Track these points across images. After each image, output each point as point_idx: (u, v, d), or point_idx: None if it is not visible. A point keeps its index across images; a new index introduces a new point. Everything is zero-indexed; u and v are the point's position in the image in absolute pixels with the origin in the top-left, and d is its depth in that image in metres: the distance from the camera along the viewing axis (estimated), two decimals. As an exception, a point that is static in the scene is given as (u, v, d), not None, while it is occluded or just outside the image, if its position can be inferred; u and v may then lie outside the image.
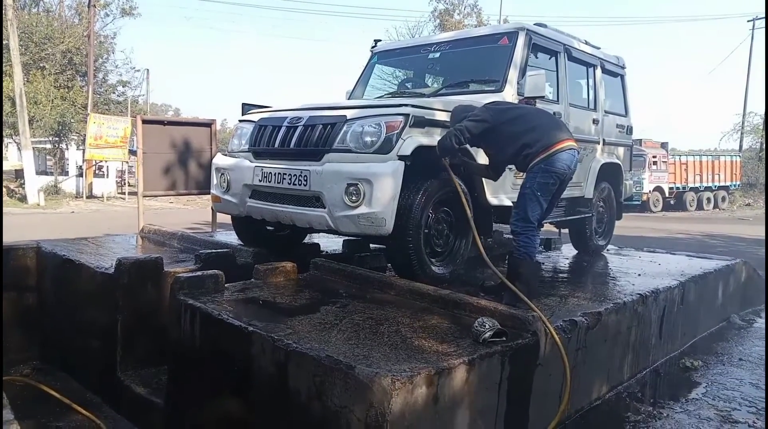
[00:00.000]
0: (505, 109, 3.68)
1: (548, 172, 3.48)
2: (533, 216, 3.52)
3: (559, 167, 3.48)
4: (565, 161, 3.49)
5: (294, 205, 3.81)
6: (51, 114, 21.22)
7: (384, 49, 5.76)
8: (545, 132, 3.52)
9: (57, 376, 4.03)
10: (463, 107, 3.76)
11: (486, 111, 3.60)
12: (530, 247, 3.53)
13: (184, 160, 6.34)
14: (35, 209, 17.45)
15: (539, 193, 3.50)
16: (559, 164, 3.48)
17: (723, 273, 5.68)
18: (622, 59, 6.29)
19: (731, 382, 4.20)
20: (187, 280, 3.19)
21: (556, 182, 3.53)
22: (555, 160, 3.47)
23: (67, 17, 26.81)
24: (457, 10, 30.41)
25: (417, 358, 2.35)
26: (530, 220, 3.53)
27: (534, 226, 3.54)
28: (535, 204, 3.51)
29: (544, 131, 3.53)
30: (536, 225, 3.56)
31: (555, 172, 3.48)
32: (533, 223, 3.54)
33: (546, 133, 3.52)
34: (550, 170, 3.48)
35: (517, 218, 3.58)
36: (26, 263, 4.37)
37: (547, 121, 3.66)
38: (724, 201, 25.88)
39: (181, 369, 3.13)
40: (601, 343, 3.55)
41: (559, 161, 3.48)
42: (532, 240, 3.54)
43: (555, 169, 3.48)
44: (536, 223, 3.55)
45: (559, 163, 3.48)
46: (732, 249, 10.48)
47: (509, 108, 3.75)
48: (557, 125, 3.70)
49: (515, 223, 3.58)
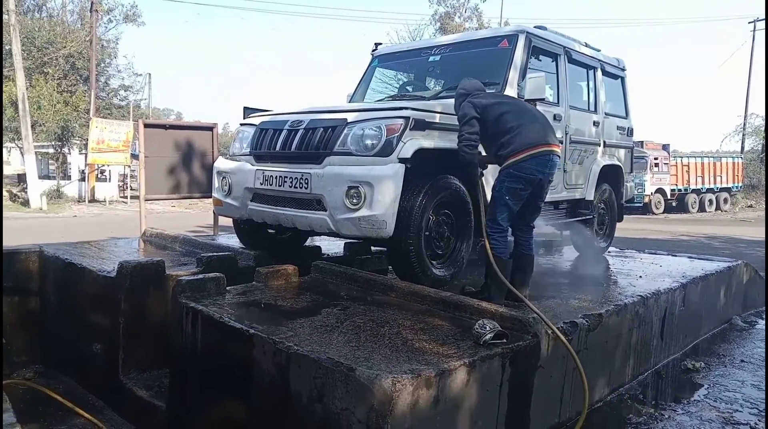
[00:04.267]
0: (490, 105, 3.59)
1: (516, 177, 3.49)
2: (501, 218, 3.56)
3: (527, 173, 3.48)
4: (534, 167, 3.48)
5: (295, 208, 3.83)
6: (53, 118, 21.28)
7: (385, 52, 5.77)
8: (521, 134, 3.49)
9: (59, 379, 4.04)
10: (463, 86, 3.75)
11: (471, 108, 3.56)
12: (499, 248, 3.57)
13: (186, 164, 6.37)
14: (38, 213, 17.50)
15: (507, 196, 3.52)
16: (528, 170, 3.48)
17: (724, 275, 5.67)
18: (622, 61, 6.30)
19: (733, 384, 4.19)
20: (189, 283, 3.20)
21: (526, 187, 3.53)
22: (523, 166, 3.47)
23: (69, 22, 26.95)
24: (457, 13, 30.50)
25: (418, 360, 2.36)
26: (498, 222, 3.57)
27: (502, 227, 3.59)
28: (503, 207, 3.55)
29: (519, 133, 3.49)
30: (504, 227, 3.60)
31: (523, 177, 3.49)
32: (501, 226, 3.58)
33: (520, 135, 3.49)
34: (518, 175, 3.49)
35: (488, 219, 3.63)
36: (29, 267, 4.39)
37: (526, 122, 3.55)
38: (726, 203, 25.82)
39: (183, 372, 3.13)
40: (602, 344, 3.55)
41: (528, 168, 3.47)
42: (499, 241, 3.58)
43: (523, 175, 3.49)
44: (505, 226, 3.60)
45: (527, 169, 3.48)
46: (734, 251, 10.47)
47: (494, 104, 3.62)
48: (536, 128, 3.58)
49: (487, 223, 3.63)
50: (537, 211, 3.77)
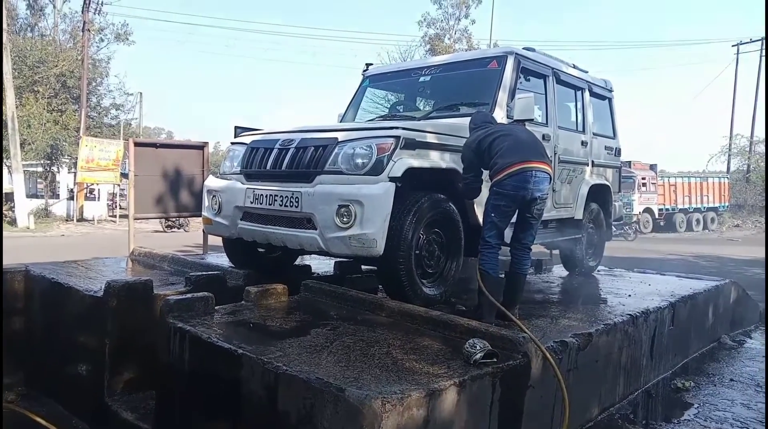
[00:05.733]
0: (484, 137, 3.71)
1: (499, 194, 3.60)
2: (489, 235, 3.65)
3: (508, 190, 3.57)
4: (515, 183, 3.55)
5: (285, 227, 3.82)
6: (43, 137, 21.20)
7: (375, 72, 5.83)
8: (503, 155, 3.60)
9: (43, 401, 3.96)
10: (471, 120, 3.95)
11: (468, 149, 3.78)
12: (487, 264, 3.63)
13: (176, 183, 6.35)
14: (25, 232, 17.32)
15: (493, 214, 3.63)
16: (509, 187, 3.56)
17: (713, 294, 5.71)
18: (609, 83, 6.40)
19: (723, 403, 4.19)
20: (177, 303, 3.16)
21: (509, 205, 3.61)
22: (504, 184, 3.57)
23: (61, 41, 26.98)
24: (447, 35, 30.89)
25: (408, 380, 2.34)
26: (486, 239, 3.66)
27: (490, 244, 3.65)
28: (490, 224, 3.65)
29: (502, 155, 3.60)
30: (492, 244, 3.66)
31: (504, 193, 3.58)
32: (489, 242, 3.65)
33: (502, 156, 3.59)
34: (500, 193, 3.59)
35: (480, 236, 3.73)
36: (14, 287, 4.32)
37: (510, 144, 3.65)
38: (713, 222, 26.10)
39: (170, 393, 3.09)
40: (592, 364, 3.55)
41: (509, 184, 3.56)
42: (488, 257, 3.64)
43: (504, 191, 3.57)
44: (492, 243, 3.65)
45: (508, 186, 3.56)
46: (722, 270, 10.55)
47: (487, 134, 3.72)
48: (519, 147, 3.65)
49: (480, 240, 3.72)
50: (529, 230, 3.80)
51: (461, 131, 4.02)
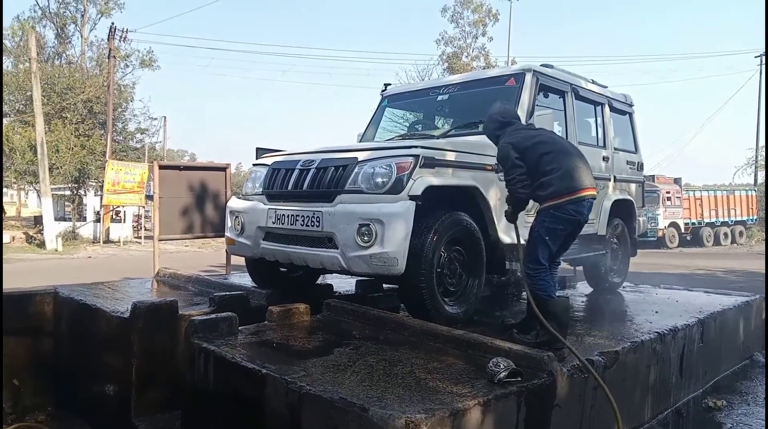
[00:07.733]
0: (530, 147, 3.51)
1: (558, 218, 3.46)
2: (543, 257, 3.50)
3: (567, 214, 3.46)
4: (574, 209, 3.46)
5: (307, 246, 3.85)
6: (71, 161, 21.75)
7: (393, 92, 5.89)
8: (561, 178, 3.43)
9: (72, 422, 4.01)
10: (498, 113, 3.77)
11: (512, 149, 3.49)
12: (548, 287, 3.49)
13: (200, 204, 6.47)
14: (53, 255, 17.68)
15: (547, 237, 3.48)
16: (571, 212, 3.45)
17: (743, 309, 5.57)
18: (629, 97, 6.37)
19: (757, 423, 4.07)
20: (201, 323, 3.20)
21: (566, 228, 3.51)
22: (565, 208, 3.44)
23: (88, 68, 27.82)
24: (464, 53, 31.08)
25: (431, 400, 2.33)
26: (540, 261, 3.50)
27: (545, 266, 3.51)
28: (543, 247, 3.49)
29: (560, 177, 3.43)
30: (547, 266, 3.53)
31: (564, 218, 3.46)
32: (544, 265, 3.51)
33: (560, 179, 3.43)
34: (558, 216, 3.46)
35: (528, 260, 3.56)
36: (44, 309, 4.41)
37: (566, 165, 3.49)
38: (741, 236, 25.51)
39: (195, 413, 3.11)
40: (619, 382, 3.47)
41: (568, 210, 3.45)
42: (546, 280, 3.51)
43: (563, 216, 3.46)
44: (547, 264, 3.53)
45: (568, 211, 3.45)
46: (751, 285, 10.27)
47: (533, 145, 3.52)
48: (576, 171, 3.49)
49: (527, 264, 3.56)
50: (566, 249, 3.75)
51: (480, 149, 4.03)
